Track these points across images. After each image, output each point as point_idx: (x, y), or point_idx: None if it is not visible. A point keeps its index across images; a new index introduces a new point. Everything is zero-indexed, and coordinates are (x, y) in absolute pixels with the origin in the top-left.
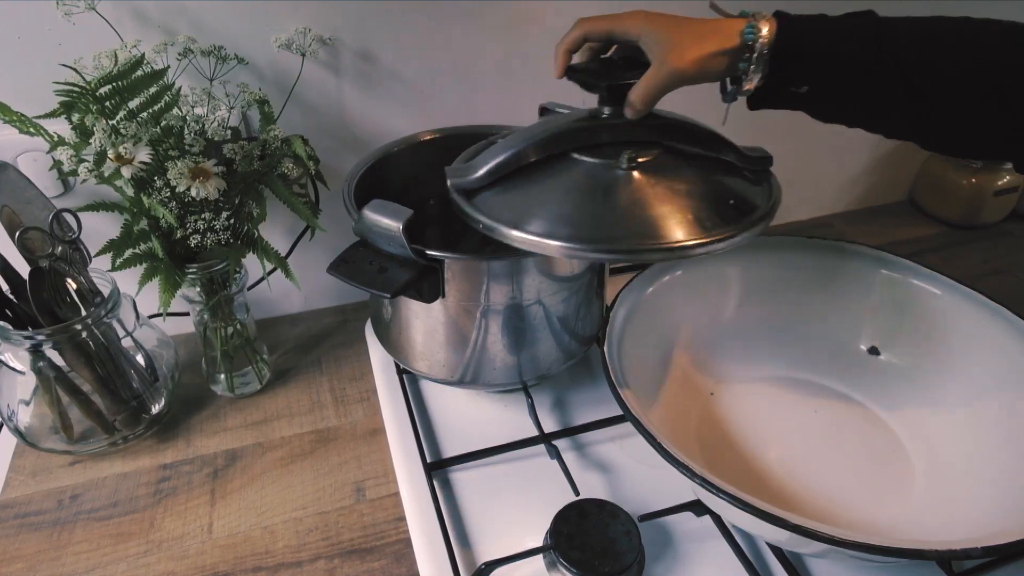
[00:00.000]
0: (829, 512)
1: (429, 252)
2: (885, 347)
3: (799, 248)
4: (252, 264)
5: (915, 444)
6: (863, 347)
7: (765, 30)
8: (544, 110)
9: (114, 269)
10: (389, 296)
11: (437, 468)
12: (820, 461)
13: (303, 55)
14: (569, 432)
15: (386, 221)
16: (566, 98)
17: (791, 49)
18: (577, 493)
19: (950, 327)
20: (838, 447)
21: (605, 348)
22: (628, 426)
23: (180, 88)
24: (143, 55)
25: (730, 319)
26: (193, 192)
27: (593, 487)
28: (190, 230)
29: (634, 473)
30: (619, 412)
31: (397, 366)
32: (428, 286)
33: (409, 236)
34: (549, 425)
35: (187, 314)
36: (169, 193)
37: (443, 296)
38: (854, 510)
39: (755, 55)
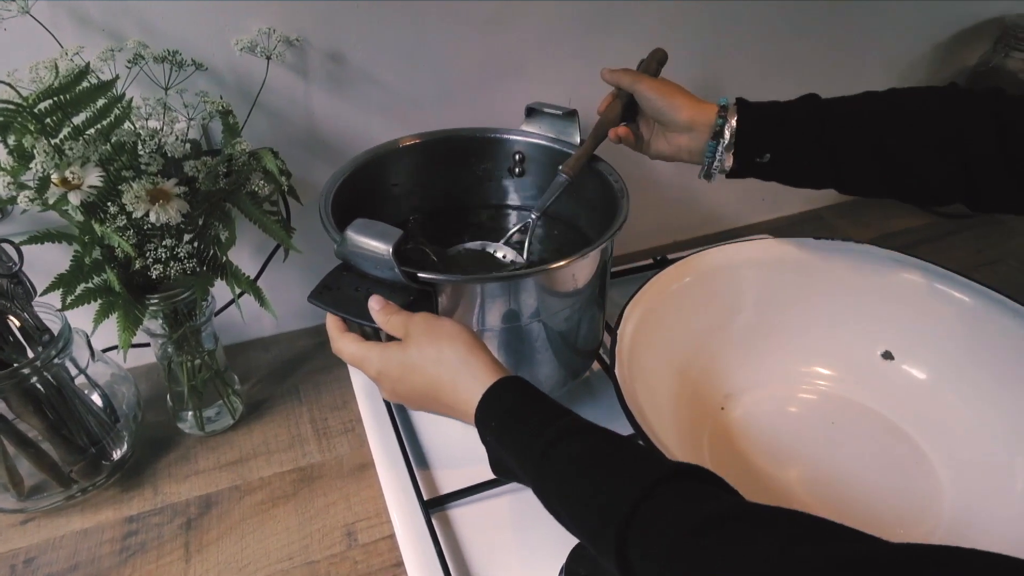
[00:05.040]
0: None
1: (422, 275)
2: (903, 353)
3: (814, 250)
4: (218, 284)
5: (938, 454)
6: (878, 353)
7: (734, 120)
8: (531, 111)
9: (65, 308)
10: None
11: (435, 506)
12: (843, 478)
13: (268, 58)
14: None
15: (374, 243)
16: (553, 97)
17: (751, 130)
18: None
19: (971, 332)
20: (860, 461)
21: (617, 371)
22: None
23: (131, 99)
24: (88, 64)
25: (738, 327)
26: (152, 217)
27: None
28: (150, 259)
29: None
30: (625, 434)
31: None
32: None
33: (399, 259)
34: None
35: (147, 345)
36: (125, 220)
37: None
38: (885, 530)
39: (726, 140)
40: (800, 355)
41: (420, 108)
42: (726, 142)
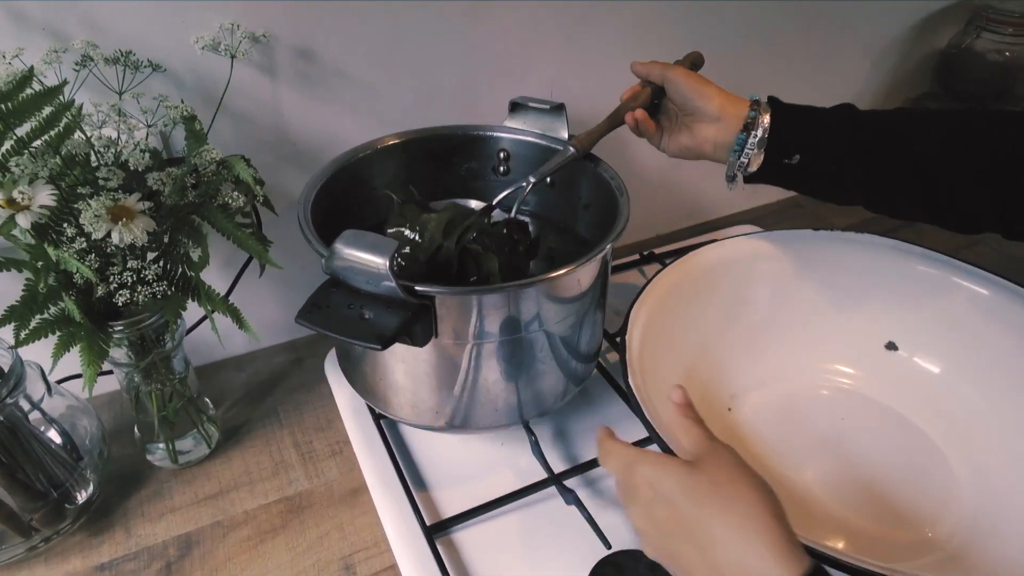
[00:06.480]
0: (883, 537)
1: (419, 288)
2: (914, 345)
3: (814, 242)
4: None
5: (952, 448)
6: (882, 344)
7: (767, 116)
8: (515, 105)
9: (19, 344)
10: (381, 348)
11: (439, 530)
12: (860, 476)
13: (232, 56)
14: (580, 469)
15: (368, 257)
16: (535, 92)
17: (784, 126)
18: (609, 546)
19: (985, 323)
20: (875, 458)
21: (631, 380)
22: None
23: (81, 106)
24: (31, 68)
25: (741, 325)
26: (115, 238)
27: (616, 531)
28: (114, 285)
29: None
30: (628, 441)
31: (371, 409)
32: (420, 328)
33: (396, 272)
34: (555, 463)
35: (109, 372)
36: (85, 243)
37: (436, 336)
38: (909, 529)
39: (758, 135)
40: (805, 350)
41: (397, 106)
42: (758, 137)
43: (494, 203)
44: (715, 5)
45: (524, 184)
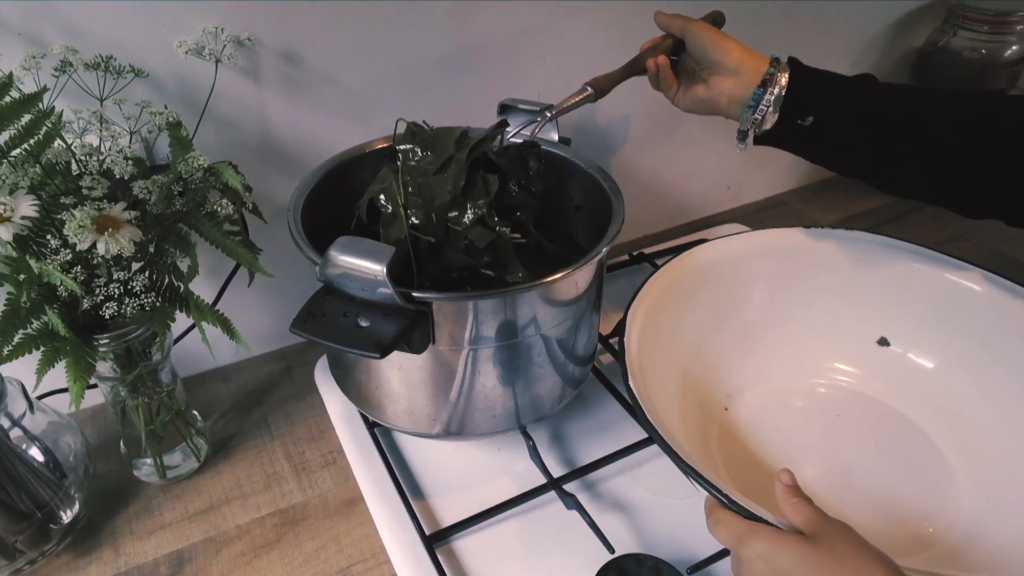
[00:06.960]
0: (885, 533)
1: (417, 295)
2: (907, 341)
3: (805, 240)
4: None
5: (947, 441)
6: (875, 340)
7: (786, 75)
8: (504, 107)
9: (2, 362)
10: (379, 356)
11: (439, 539)
12: (859, 473)
13: (217, 61)
14: (579, 473)
15: (366, 264)
16: (526, 93)
17: (801, 86)
18: (612, 550)
19: (979, 318)
20: (872, 454)
21: (631, 383)
22: (638, 455)
23: (61, 113)
24: (11, 75)
25: (735, 324)
26: (101, 248)
27: (617, 533)
28: (100, 297)
29: (657, 508)
30: (625, 444)
31: (364, 417)
32: (419, 335)
33: (394, 279)
34: (553, 467)
35: (94, 386)
36: (70, 254)
37: (433, 342)
38: (909, 525)
39: (775, 93)
40: (800, 348)
41: (385, 109)
42: (774, 95)
43: (510, 128)
44: (696, 6)
45: (539, 118)
